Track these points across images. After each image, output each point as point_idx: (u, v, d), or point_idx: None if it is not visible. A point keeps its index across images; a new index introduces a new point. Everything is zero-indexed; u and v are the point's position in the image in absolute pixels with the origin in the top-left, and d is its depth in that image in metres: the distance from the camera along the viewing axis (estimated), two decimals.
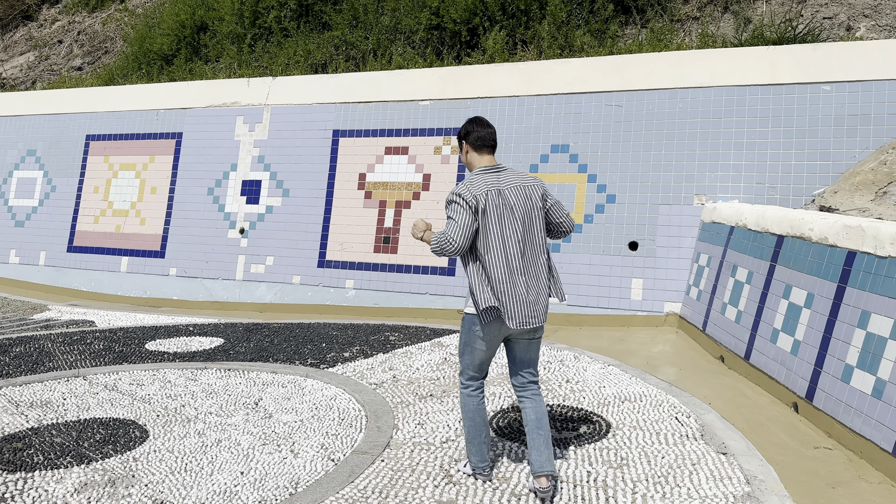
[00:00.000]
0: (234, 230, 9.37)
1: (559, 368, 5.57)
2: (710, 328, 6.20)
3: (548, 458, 3.37)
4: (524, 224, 3.38)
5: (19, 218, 10.92)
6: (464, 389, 3.56)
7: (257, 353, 6.33)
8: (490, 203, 3.33)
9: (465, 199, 3.32)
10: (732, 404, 4.77)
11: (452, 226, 3.31)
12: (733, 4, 8.50)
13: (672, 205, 7.30)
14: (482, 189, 3.35)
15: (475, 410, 3.53)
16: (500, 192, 3.37)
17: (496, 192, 3.36)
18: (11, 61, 15.03)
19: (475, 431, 3.54)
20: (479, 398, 3.55)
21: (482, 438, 3.55)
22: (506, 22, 9.09)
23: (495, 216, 3.33)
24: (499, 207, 3.34)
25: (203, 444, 4.10)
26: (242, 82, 9.78)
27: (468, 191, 3.34)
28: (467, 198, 3.32)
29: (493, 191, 3.36)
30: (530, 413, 3.47)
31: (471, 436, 3.56)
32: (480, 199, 3.32)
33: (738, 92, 7.19)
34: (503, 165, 3.51)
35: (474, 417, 3.53)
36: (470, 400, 3.54)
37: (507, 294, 3.29)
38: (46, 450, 3.99)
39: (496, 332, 3.39)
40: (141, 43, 12.02)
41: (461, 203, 3.32)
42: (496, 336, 3.41)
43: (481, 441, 3.55)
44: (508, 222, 3.34)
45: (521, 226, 3.37)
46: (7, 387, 5.21)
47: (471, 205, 3.31)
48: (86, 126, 10.76)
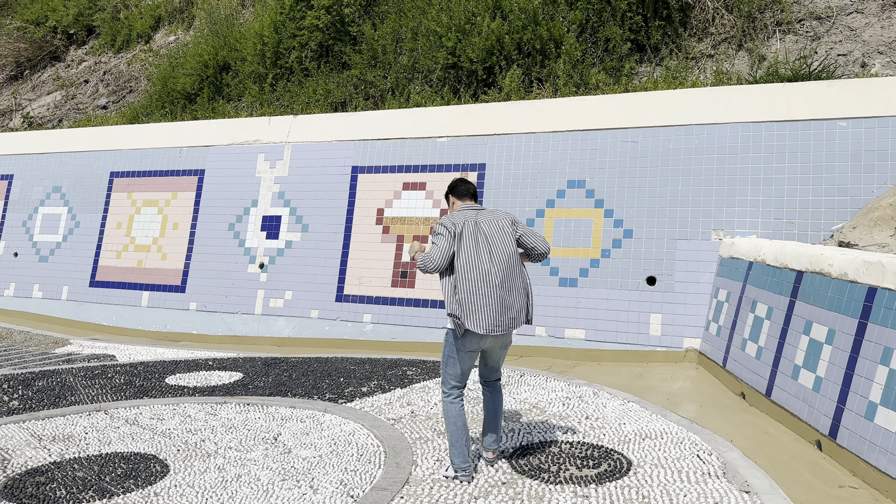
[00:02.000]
0: (253, 265, 9.48)
1: (578, 405, 5.55)
2: (730, 364, 6.15)
3: (495, 440, 4.23)
4: (496, 247, 4.01)
5: (43, 253, 11.11)
6: (446, 398, 4.06)
7: (276, 387, 6.36)
8: (466, 230, 4.03)
9: (446, 227, 4.02)
10: (755, 442, 4.72)
11: (434, 249, 3.98)
12: (747, 42, 8.60)
13: (690, 240, 7.31)
14: (461, 219, 4.07)
15: (457, 415, 4.02)
16: (477, 222, 4.08)
17: (473, 222, 4.08)
18: (39, 100, 15.44)
19: (457, 435, 4.01)
20: (460, 404, 4.06)
21: (464, 441, 4.03)
22: (522, 61, 9.24)
23: (471, 240, 4.00)
24: (473, 234, 4.02)
25: (223, 479, 4.11)
26: (264, 121, 9.98)
27: (450, 220, 4.07)
28: (448, 225, 4.03)
29: (471, 221, 4.08)
30: (489, 404, 4.23)
31: (454, 439, 4.01)
32: (458, 226, 4.03)
33: (755, 128, 7.24)
34: (480, 206, 4.25)
35: (456, 422, 4.01)
36: (452, 406, 4.03)
37: (474, 304, 3.89)
38: (69, 484, 4.02)
39: (475, 345, 3.98)
40: (165, 82, 12.33)
41: (442, 230, 4.02)
42: (475, 348, 4.00)
43: (463, 444, 4.02)
44: (483, 246, 4.00)
45: (493, 248, 4.00)
46: (30, 420, 5.27)
47: (450, 231, 4.01)
48: (110, 163, 10.99)
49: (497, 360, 4.19)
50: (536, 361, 7.38)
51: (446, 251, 3.97)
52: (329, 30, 10.86)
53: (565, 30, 9.12)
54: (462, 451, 4.00)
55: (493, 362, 4.19)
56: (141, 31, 15.11)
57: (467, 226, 4.04)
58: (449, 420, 4.01)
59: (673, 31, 8.91)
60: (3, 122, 15.16)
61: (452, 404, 4.03)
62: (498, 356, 4.18)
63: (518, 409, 5.47)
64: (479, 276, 3.93)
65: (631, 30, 8.96)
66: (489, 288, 3.92)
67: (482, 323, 3.87)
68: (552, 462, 4.28)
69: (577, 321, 7.59)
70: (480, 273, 3.93)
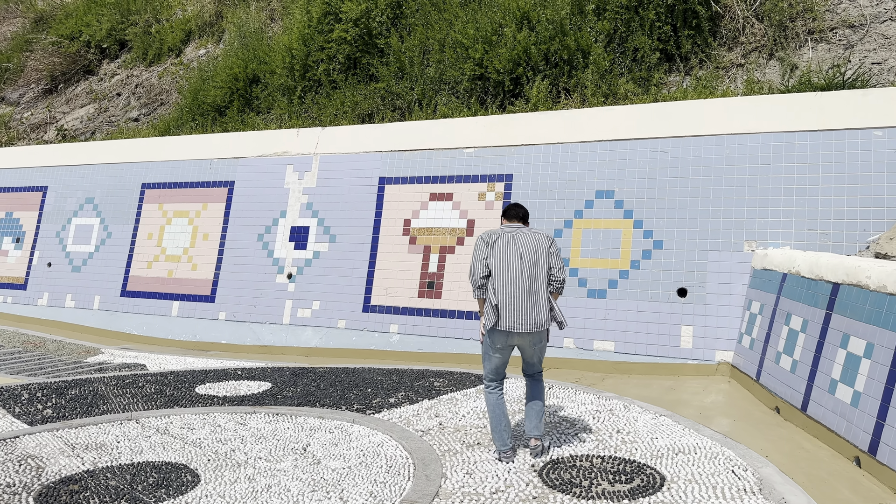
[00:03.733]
0: (281, 275, 9.54)
1: (609, 418, 5.48)
2: (764, 378, 6.04)
3: (536, 426, 4.60)
4: (528, 261, 4.47)
5: (76, 263, 11.30)
6: (486, 389, 4.60)
7: (304, 397, 6.38)
8: (501, 240, 4.53)
9: (482, 238, 4.58)
10: (791, 457, 4.61)
11: (472, 258, 4.56)
12: (779, 51, 8.49)
13: (722, 251, 7.20)
14: (498, 233, 4.59)
15: (496, 403, 4.54)
16: (514, 236, 4.57)
17: (510, 234, 4.57)
18: (73, 113, 15.76)
19: (496, 420, 4.51)
20: (499, 394, 4.56)
21: (503, 426, 4.51)
22: (549, 71, 9.23)
23: (503, 249, 4.49)
24: (507, 244, 4.51)
25: (254, 489, 4.12)
26: (293, 132, 10.07)
27: (486, 233, 4.61)
28: (484, 237, 4.58)
29: (508, 234, 4.57)
30: (529, 394, 4.67)
31: (493, 424, 4.52)
32: (493, 237, 4.55)
33: (787, 138, 7.13)
34: (523, 226, 4.68)
35: (495, 409, 4.53)
36: (491, 395, 4.56)
37: (503, 304, 4.38)
38: (102, 492, 4.06)
39: (503, 342, 4.46)
40: (195, 95, 12.51)
41: (479, 242, 4.58)
42: (504, 344, 4.48)
43: (502, 429, 4.51)
44: (514, 254, 4.47)
45: (524, 257, 4.47)
46: (63, 429, 5.33)
47: (485, 241, 4.55)
48: (142, 175, 11.16)
49: (532, 355, 4.62)
50: (565, 374, 7.32)
51: (480, 257, 4.49)
52: (357, 42, 10.95)
53: (593, 40, 9.10)
54: (501, 435, 4.50)
55: (529, 357, 4.64)
56: (172, 44, 15.37)
57: (503, 237, 4.54)
58: (489, 408, 4.57)
59: (702, 41, 8.84)
60: (38, 135, 15.49)
61: (491, 394, 4.57)
62: (532, 352, 4.60)
63: (548, 421, 5.41)
64: (508, 280, 4.42)
65: (660, 39, 8.90)
66: (517, 290, 4.41)
67: (508, 322, 4.38)
68: (583, 477, 4.22)
69: (606, 333, 7.51)
70: (509, 277, 4.42)
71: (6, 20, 19.66)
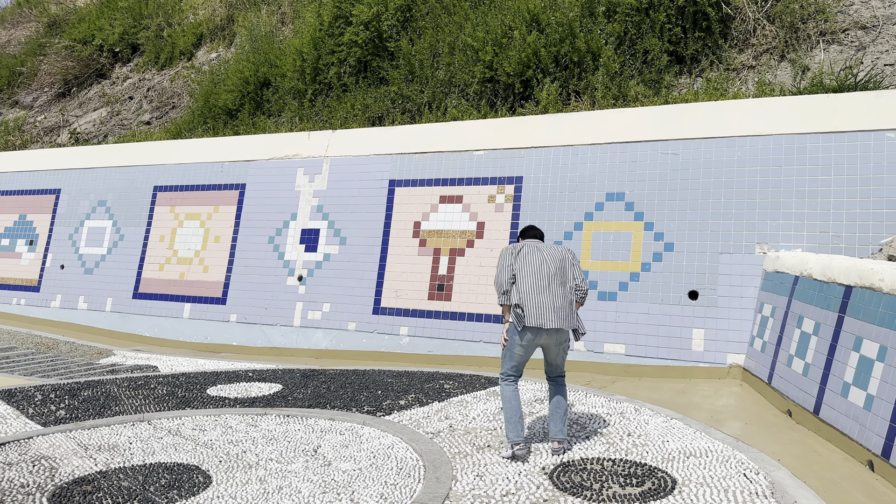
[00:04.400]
0: (292, 277, 9.58)
1: (619, 421, 5.46)
2: (776, 381, 6.01)
3: (560, 429, 4.71)
4: (555, 267, 4.71)
5: (88, 266, 11.38)
6: (503, 382, 4.74)
7: (315, 399, 6.39)
8: (527, 248, 4.79)
9: (508, 250, 4.80)
10: (803, 461, 4.59)
11: (498, 267, 4.77)
12: (790, 53, 8.46)
13: (733, 254, 7.18)
14: (522, 244, 4.86)
15: (511, 396, 4.67)
16: (538, 247, 4.83)
17: (534, 245, 4.84)
18: (86, 117, 15.89)
19: (512, 412, 4.63)
20: (514, 387, 4.72)
21: (517, 418, 4.63)
22: (559, 74, 9.23)
23: (530, 257, 4.73)
24: (534, 253, 4.76)
25: (265, 490, 4.14)
26: (303, 135, 10.11)
27: (512, 245, 4.84)
28: (509, 248, 4.83)
29: (532, 246, 4.83)
30: (552, 397, 4.78)
31: (508, 416, 4.63)
32: (518, 247, 4.80)
33: (799, 140, 7.10)
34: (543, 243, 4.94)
35: (511, 401, 4.65)
36: (507, 388, 4.70)
37: (530, 303, 4.58)
38: (114, 493, 4.09)
39: (530, 339, 4.63)
40: (207, 98, 12.58)
41: (505, 252, 4.80)
42: (530, 343, 4.64)
43: (516, 420, 4.62)
44: (540, 262, 4.70)
45: (551, 266, 4.70)
46: (76, 430, 5.37)
47: (511, 251, 4.78)
48: (154, 178, 11.24)
49: (555, 356, 4.79)
50: (575, 376, 7.30)
51: (506, 265, 4.72)
52: (367, 45, 10.98)
53: (603, 42, 9.09)
54: (515, 427, 4.60)
55: (552, 359, 4.80)
56: (183, 48, 15.47)
57: (527, 247, 4.81)
58: (504, 400, 4.68)
59: (713, 43, 8.81)
60: (51, 138, 15.63)
61: (508, 387, 4.72)
62: (555, 353, 4.78)
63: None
64: (535, 281, 4.65)
65: (670, 41, 8.88)
66: (545, 290, 4.63)
67: (536, 319, 4.56)
68: (594, 480, 4.21)
69: (616, 335, 7.50)
70: (537, 278, 4.66)
71: (20, 25, 19.86)
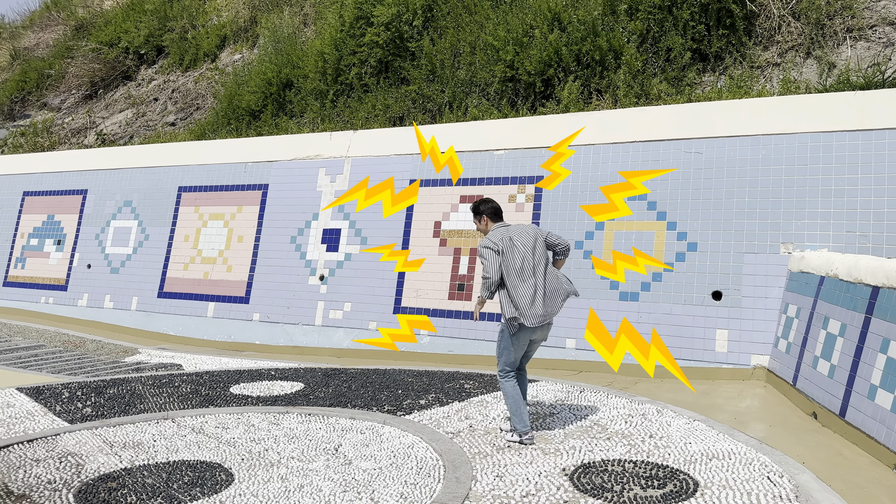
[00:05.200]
0: (314, 277, 9.64)
1: (641, 423, 5.43)
2: (800, 383, 5.93)
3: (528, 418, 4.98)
4: (529, 254, 4.94)
5: (114, 265, 11.55)
6: (502, 378, 4.99)
7: (336, 398, 6.43)
8: (505, 246, 4.94)
9: (490, 248, 4.93)
10: (828, 464, 4.52)
11: (488, 266, 4.88)
12: (816, 50, 8.33)
13: (757, 253, 7.09)
14: (499, 237, 4.99)
15: (513, 390, 4.94)
16: (511, 238, 4.99)
17: (508, 238, 4.98)
18: (112, 118, 16.13)
19: (516, 405, 4.91)
20: (514, 381, 4.98)
21: (522, 409, 4.91)
22: (580, 72, 9.18)
23: (510, 254, 4.92)
24: (513, 247, 4.94)
25: (286, 489, 4.17)
26: (325, 136, 10.17)
27: (490, 241, 4.97)
28: (491, 246, 4.94)
29: (506, 238, 4.98)
30: (521, 385, 5.11)
31: (513, 409, 4.91)
32: (500, 244, 4.94)
33: (825, 138, 6.99)
34: (508, 222, 5.21)
35: (513, 395, 4.92)
36: (509, 383, 4.97)
37: (524, 306, 4.82)
38: (139, 490, 4.15)
39: (524, 338, 4.93)
40: (230, 100, 12.71)
41: (488, 252, 4.92)
42: (524, 340, 4.95)
43: (522, 411, 4.91)
44: (519, 256, 4.91)
45: (526, 256, 4.92)
46: (102, 427, 5.46)
47: (496, 249, 4.92)
48: (178, 178, 11.37)
49: (533, 351, 5.19)
50: (596, 377, 7.27)
51: (498, 265, 4.88)
52: (388, 46, 11.02)
53: (625, 40, 9.02)
54: (523, 418, 4.89)
55: (532, 350, 5.17)
56: (207, 50, 15.64)
57: (505, 242, 4.95)
58: (508, 394, 4.93)
59: (737, 40, 8.71)
60: (78, 140, 15.88)
61: (508, 382, 4.96)
62: (535, 348, 5.17)
63: (579, 425, 5.38)
64: (524, 281, 4.87)
65: (693, 39, 8.79)
66: (534, 289, 4.88)
67: (532, 319, 4.82)
68: (615, 481, 4.19)
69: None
70: (525, 277, 4.88)
71: (48, 28, 20.20)
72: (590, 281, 7.81)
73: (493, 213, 5.22)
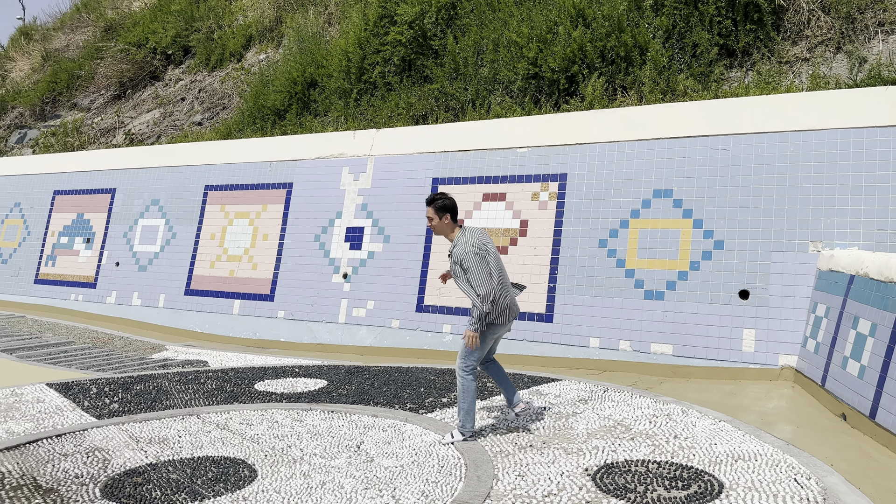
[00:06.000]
0: (337, 275, 9.68)
1: (666, 423, 5.37)
2: (829, 383, 5.82)
3: (515, 392, 5.18)
4: (497, 260, 4.93)
5: (142, 263, 11.71)
6: (467, 376, 4.89)
7: (359, 395, 6.45)
8: (486, 249, 4.87)
9: (478, 255, 4.80)
10: (858, 466, 4.43)
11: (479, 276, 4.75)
12: (846, 44, 8.17)
13: (785, 252, 6.97)
14: (475, 241, 4.86)
15: (475, 388, 4.93)
16: (480, 239, 4.90)
17: (482, 240, 4.92)
18: (140, 118, 16.35)
19: (474, 404, 4.95)
20: (476, 380, 4.97)
21: (475, 408, 5.00)
22: (605, 68, 9.10)
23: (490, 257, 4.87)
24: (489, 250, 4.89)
25: (308, 485, 4.19)
26: (349, 135, 10.21)
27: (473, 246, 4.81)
28: (479, 252, 4.82)
29: (481, 240, 4.90)
30: (496, 372, 5.21)
31: (471, 408, 4.92)
32: (482, 249, 4.85)
33: (855, 134, 6.85)
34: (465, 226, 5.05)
35: (474, 394, 4.93)
36: (472, 383, 4.90)
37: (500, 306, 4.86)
38: (163, 485, 4.20)
39: (498, 333, 4.98)
40: (256, 99, 12.81)
41: (477, 259, 4.79)
42: (497, 336, 5.01)
43: (475, 411, 5.00)
44: (490, 262, 4.85)
45: (495, 262, 4.89)
46: (128, 423, 5.53)
47: (481, 255, 4.82)
48: (205, 177, 11.49)
49: (498, 343, 5.34)
50: (620, 377, 7.20)
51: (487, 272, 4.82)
52: (411, 44, 11.02)
53: (651, 36, 8.93)
54: (474, 418, 4.97)
55: (496, 345, 5.27)
56: (233, 50, 15.78)
57: (482, 245, 4.90)
58: (469, 393, 4.90)
59: (765, 35, 8.57)
60: (107, 139, 16.13)
61: (472, 382, 4.92)
62: (500, 341, 5.38)
63: (602, 425, 5.34)
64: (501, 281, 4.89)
65: (720, 34, 8.67)
66: (507, 287, 4.97)
67: (506, 318, 4.94)
68: (639, 482, 4.15)
69: (663, 336, 7.36)
70: (500, 277, 4.89)
71: (78, 30, 20.55)
72: (614, 280, 7.74)
73: (455, 214, 5.03)
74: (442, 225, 4.99)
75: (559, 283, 8.08)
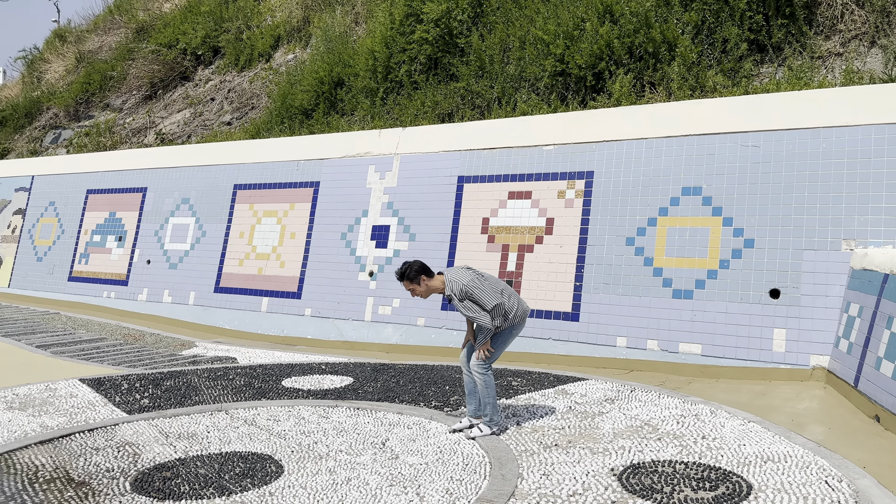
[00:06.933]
0: (363, 273, 9.73)
1: (694, 423, 5.30)
2: (862, 384, 5.70)
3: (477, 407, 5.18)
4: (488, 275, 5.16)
5: (173, 261, 11.89)
6: (486, 374, 5.01)
7: (384, 393, 6.48)
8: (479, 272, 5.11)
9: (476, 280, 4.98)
10: (891, 469, 4.33)
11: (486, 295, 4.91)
12: (881, 38, 7.99)
13: (817, 250, 6.84)
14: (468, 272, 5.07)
15: (494, 383, 5.09)
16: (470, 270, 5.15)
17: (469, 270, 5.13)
18: (170, 118, 16.59)
19: (496, 396, 5.19)
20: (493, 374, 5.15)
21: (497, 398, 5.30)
22: (633, 65, 9.01)
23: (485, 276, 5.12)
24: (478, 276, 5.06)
25: (334, 481, 4.22)
26: (375, 133, 10.25)
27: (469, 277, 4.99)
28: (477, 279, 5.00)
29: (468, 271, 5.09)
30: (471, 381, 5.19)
31: (494, 399, 5.07)
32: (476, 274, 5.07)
33: (890, 130, 6.70)
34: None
35: (495, 387, 5.14)
36: (491, 378, 5.04)
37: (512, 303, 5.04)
38: (192, 480, 4.26)
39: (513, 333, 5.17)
40: (284, 99, 12.93)
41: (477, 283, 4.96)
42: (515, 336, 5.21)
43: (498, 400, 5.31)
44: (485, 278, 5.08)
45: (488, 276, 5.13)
46: (159, 418, 5.62)
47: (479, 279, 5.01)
48: (234, 176, 11.63)
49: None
50: (648, 377, 7.13)
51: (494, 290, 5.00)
52: (437, 43, 11.03)
53: (679, 31, 8.82)
54: (499, 407, 5.18)
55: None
56: (262, 50, 15.94)
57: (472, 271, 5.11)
58: (491, 387, 5.03)
59: (797, 30, 8.42)
60: (138, 139, 16.40)
61: (491, 377, 5.05)
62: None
63: (629, 425, 5.29)
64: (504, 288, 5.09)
65: (751, 30, 8.54)
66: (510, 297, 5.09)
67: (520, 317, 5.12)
68: (665, 482, 4.10)
69: (692, 335, 7.27)
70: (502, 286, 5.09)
71: (111, 31, 20.91)
72: (642, 278, 7.67)
73: (428, 269, 5.12)
74: (426, 286, 5.08)
75: (585, 282, 8.02)
